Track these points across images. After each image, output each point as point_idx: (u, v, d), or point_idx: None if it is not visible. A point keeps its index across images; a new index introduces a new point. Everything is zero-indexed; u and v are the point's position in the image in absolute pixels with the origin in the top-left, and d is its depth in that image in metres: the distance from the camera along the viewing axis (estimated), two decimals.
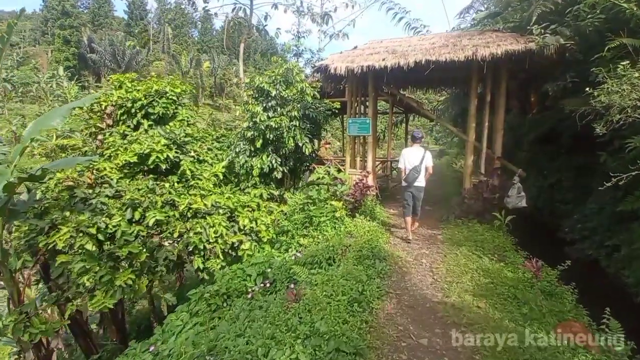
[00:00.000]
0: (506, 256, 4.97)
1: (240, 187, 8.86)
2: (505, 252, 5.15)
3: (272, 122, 7.89)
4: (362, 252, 4.85)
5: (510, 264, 4.70)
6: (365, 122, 7.92)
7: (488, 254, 5.02)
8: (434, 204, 9.14)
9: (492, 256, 4.95)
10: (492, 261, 4.80)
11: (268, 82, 8.31)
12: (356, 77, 8.15)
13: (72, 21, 44.47)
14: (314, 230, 6.78)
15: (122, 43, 41.01)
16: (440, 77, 8.60)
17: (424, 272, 4.63)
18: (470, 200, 6.78)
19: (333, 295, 3.46)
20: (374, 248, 5.02)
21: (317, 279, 3.95)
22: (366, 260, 4.60)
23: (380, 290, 3.83)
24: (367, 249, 4.96)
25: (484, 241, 5.47)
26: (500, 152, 7.06)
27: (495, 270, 4.42)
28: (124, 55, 40.77)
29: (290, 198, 7.87)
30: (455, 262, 4.76)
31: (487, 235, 5.78)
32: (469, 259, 4.85)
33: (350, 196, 7.01)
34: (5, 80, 37.37)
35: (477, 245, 5.34)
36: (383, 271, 4.40)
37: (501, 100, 6.99)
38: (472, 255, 4.97)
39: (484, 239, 5.54)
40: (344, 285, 3.64)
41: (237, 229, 6.90)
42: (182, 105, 8.39)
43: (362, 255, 4.73)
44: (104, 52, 40.46)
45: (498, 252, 5.08)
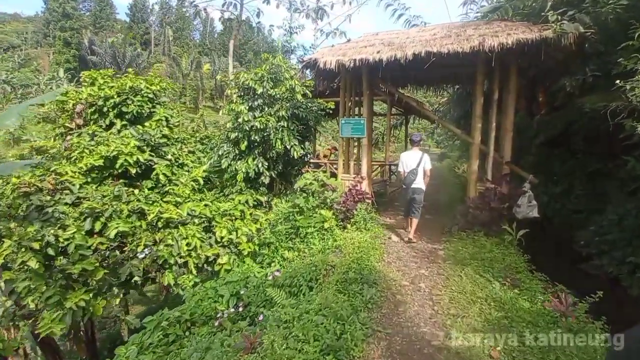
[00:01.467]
0: (520, 280, 4.14)
1: (225, 193, 8.08)
2: (518, 274, 4.33)
3: (257, 123, 7.12)
4: (348, 274, 4.03)
5: (526, 291, 3.88)
6: (359, 123, 7.12)
7: (499, 276, 4.19)
8: (435, 212, 8.31)
9: (504, 280, 4.12)
10: (504, 287, 3.98)
11: (254, 79, 7.54)
12: (349, 72, 7.37)
13: (73, 23, 44.09)
14: (301, 243, 5.99)
15: (122, 45, 40.52)
16: (442, 74, 7.80)
17: (422, 300, 3.81)
18: (475, 210, 5.95)
19: (303, 341, 2.65)
20: (363, 269, 4.21)
21: (288, 314, 3.14)
22: (352, 286, 3.79)
23: (366, 330, 3.01)
24: (354, 270, 4.15)
25: (493, 260, 4.64)
26: (509, 156, 6.25)
27: (508, 300, 3.60)
28: (125, 58, 40.28)
29: (276, 206, 7.07)
30: (460, 288, 3.94)
31: (496, 252, 4.95)
32: (476, 284, 4.03)
33: (341, 205, 6.21)
34: (5, 81, 36.95)
35: (485, 265, 4.52)
36: (372, 300, 3.58)
37: (510, 98, 6.18)
38: (479, 279, 4.14)
39: (492, 257, 4.72)
40: (318, 326, 2.83)
41: (214, 240, 6.11)
42: (161, 104, 7.62)
43: (348, 279, 3.92)
44: (104, 54, 39.99)
45: (510, 275, 4.25)
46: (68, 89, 7.62)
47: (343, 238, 5.62)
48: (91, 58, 40.52)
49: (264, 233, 6.30)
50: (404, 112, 13.42)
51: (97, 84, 7.30)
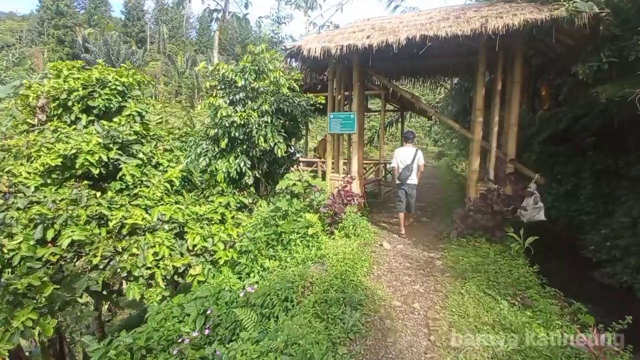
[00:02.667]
0: (532, 298, 3.49)
1: (205, 195, 7.40)
2: (528, 290, 3.67)
3: (237, 118, 6.43)
4: (329, 293, 3.37)
5: (540, 313, 3.22)
6: (349, 118, 6.44)
7: (506, 294, 3.53)
8: (432, 213, 7.65)
9: (513, 298, 3.47)
10: (514, 307, 3.32)
11: (235, 71, 6.84)
12: (339, 63, 6.69)
13: (67, 21, 43.14)
14: (283, 250, 5.32)
15: (116, 43, 39.63)
16: (439, 64, 7.13)
17: (416, 326, 3.14)
18: (477, 214, 5.30)
19: None
20: (347, 286, 3.54)
21: (246, 354, 2.47)
22: (333, 309, 3.12)
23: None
24: (337, 287, 3.48)
25: (498, 272, 3.98)
26: (513, 153, 5.58)
27: (521, 327, 2.94)
28: (119, 55, 39.36)
29: (257, 210, 6.40)
30: (462, 310, 3.27)
31: (502, 262, 4.29)
32: (480, 304, 3.37)
33: (328, 208, 5.54)
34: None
35: (489, 278, 3.86)
36: (355, 328, 2.91)
37: (515, 89, 5.51)
38: (484, 297, 3.49)
39: (498, 269, 4.06)
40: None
41: (186, 249, 5.42)
42: (133, 98, 6.91)
43: (329, 299, 3.26)
44: (98, 52, 39.08)
45: (519, 292, 3.60)
46: (31, 82, 6.91)
47: (328, 246, 4.96)
48: (85, 56, 39.57)
49: (242, 240, 5.62)
50: (399, 108, 12.75)
51: (62, 76, 6.59)
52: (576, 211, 7.91)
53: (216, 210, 6.60)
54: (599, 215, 7.23)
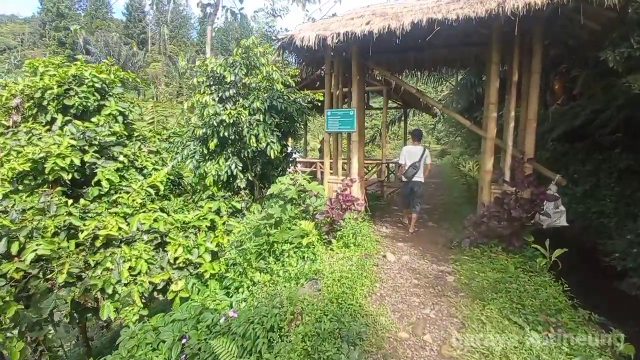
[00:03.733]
0: (566, 325, 2.88)
1: (194, 200, 6.85)
2: (559, 314, 3.06)
3: (225, 116, 5.85)
4: (322, 322, 2.78)
5: (578, 349, 2.60)
6: (348, 115, 5.84)
7: (535, 322, 2.93)
8: (440, 217, 7.03)
9: (544, 328, 2.86)
10: (546, 339, 2.71)
11: (223, 66, 6.26)
12: (336, 55, 6.09)
13: (67, 23, 42.82)
14: (275, 262, 4.74)
15: (117, 44, 39.24)
16: (446, 56, 6.49)
17: None
18: (491, 220, 4.68)
19: None
20: (344, 313, 2.95)
21: None
22: (326, 345, 2.54)
23: None
24: (332, 315, 2.89)
25: (522, 293, 3.37)
26: (532, 152, 4.95)
27: None
28: (120, 57, 38.98)
29: (249, 216, 5.82)
30: (485, 346, 2.66)
31: (524, 278, 3.68)
32: (505, 335, 2.76)
33: (324, 214, 4.94)
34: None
35: (512, 300, 3.25)
36: None
37: (534, 79, 4.87)
38: (509, 326, 2.89)
39: (521, 288, 3.45)
40: None
41: (166, 262, 4.85)
42: (114, 96, 6.35)
43: (322, 332, 2.67)
44: (99, 54, 38.71)
45: (550, 318, 2.99)
46: (7, 81, 6.38)
47: (326, 257, 4.38)
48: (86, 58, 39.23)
49: (229, 252, 5.04)
50: (402, 105, 12.11)
51: (38, 73, 6.05)
52: (595, 213, 7.25)
53: (205, 217, 6.04)
54: (622, 218, 6.57)
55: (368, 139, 22.93)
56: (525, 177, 4.62)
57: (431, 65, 6.78)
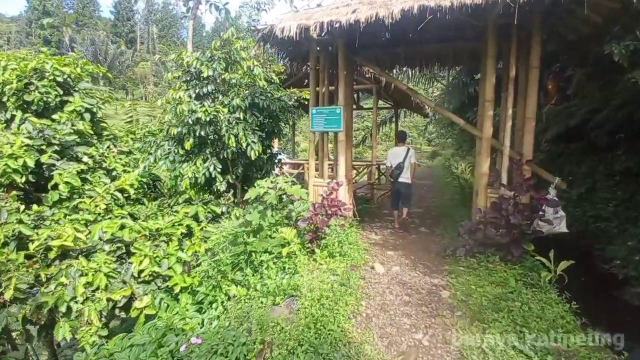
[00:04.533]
0: (578, 354, 2.47)
1: (170, 204, 6.33)
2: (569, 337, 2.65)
3: (201, 114, 5.35)
4: (296, 355, 2.31)
5: None
6: (334, 113, 5.39)
7: (544, 350, 2.52)
8: (432, 222, 6.63)
9: (555, 358, 2.43)
10: None
11: (200, 60, 5.77)
12: (321, 48, 5.65)
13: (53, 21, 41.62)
14: (253, 274, 4.27)
15: (104, 43, 38.22)
16: (438, 51, 6.09)
17: None
18: (488, 227, 4.28)
19: None
20: (323, 342, 2.50)
21: None
22: None
23: None
24: (308, 344, 2.44)
25: (526, 312, 2.96)
26: (530, 153, 4.57)
27: None
28: (106, 56, 37.98)
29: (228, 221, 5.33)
30: None
31: (527, 294, 3.28)
32: None
33: (307, 221, 4.49)
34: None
35: (516, 322, 2.84)
36: None
37: (532, 75, 4.50)
38: (515, 356, 2.45)
39: (525, 306, 3.04)
40: None
41: (130, 275, 4.33)
42: (79, 91, 5.80)
43: None
44: (86, 52, 37.63)
45: (560, 344, 2.57)
46: None
47: (306, 272, 3.92)
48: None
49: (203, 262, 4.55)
50: (393, 105, 11.73)
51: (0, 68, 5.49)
52: (592, 217, 6.92)
53: (181, 223, 5.54)
54: (622, 222, 6.25)
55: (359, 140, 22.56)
56: (526, 181, 4.22)
57: (422, 61, 6.37)
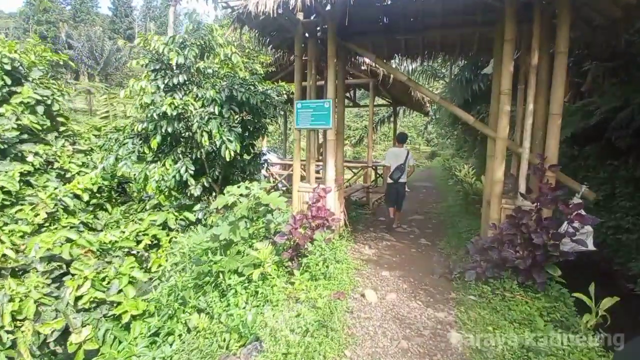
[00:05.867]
0: None
1: (137, 210, 5.53)
2: None
3: (166, 107, 4.53)
4: None
5: None
6: (322, 107, 4.58)
7: None
8: (434, 232, 5.83)
9: None
10: None
11: (169, 45, 4.94)
12: (308, 31, 4.83)
13: (50, 17, 40.70)
14: (220, 299, 3.49)
15: (100, 39, 37.27)
16: (443, 39, 5.27)
17: None
18: (504, 247, 3.48)
19: None
20: None
21: None
22: None
23: None
24: None
25: None
26: (555, 157, 3.76)
27: None
28: (102, 52, 37.04)
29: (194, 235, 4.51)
30: None
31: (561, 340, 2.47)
32: None
33: (285, 237, 3.68)
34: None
35: None
36: None
37: (560, 62, 3.68)
38: None
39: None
40: None
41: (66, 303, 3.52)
42: (32, 81, 4.98)
43: None
44: (82, 49, 36.73)
45: None
46: None
47: (279, 301, 3.12)
48: (68, 52, 37.30)
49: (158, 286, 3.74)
50: (392, 102, 10.91)
51: None
52: (611, 228, 6.14)
53: (146, 232, 4.74)
54: None
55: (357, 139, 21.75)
56: (551, 189, 3.41)
57: (425, 51, 5.56)
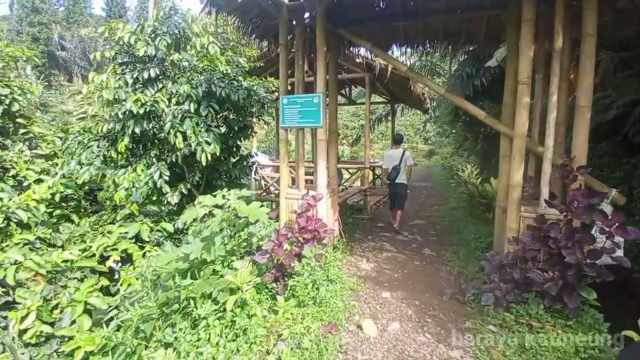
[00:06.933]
0: None
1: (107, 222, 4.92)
2: None
3: (130, 104, 3.91)
4: None
5: None
6: (311, 103, 3.97)
7: None
8: (438, 240, 5.25)
9: None
10: None
11: (137, 34, 4.32)
12: (295, 18, 4.22)
13: (42, 18, 39.88)
14: (191, 331, 2.88)
15: (93, 40, 36.48)
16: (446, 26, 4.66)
17: None
18: (527, 265, 2.90)
19: None
20: None
21: None
22: None
23: None
24: None
25: None
26: (584, 157, 3.17)
27: None
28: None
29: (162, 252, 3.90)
30: None
31: None
32: None
33: (266, 256, 3.09)
34: None
35: None
36: None
37: (587, 45, 3.10)
38: None
39: None
40: None
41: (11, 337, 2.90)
42: None
43: None
44: (74, 50, 36.02)
45: None
46: None
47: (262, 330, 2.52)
48: (60, 54, 36.64)
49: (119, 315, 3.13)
50: (389, 99, 10.31)
51: None
52: None
53: (115, 247, 4.14)
54: None
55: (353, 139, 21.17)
56: (584, 196, 2.82)
57: (427, 39, 4.96)
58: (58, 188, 4.40)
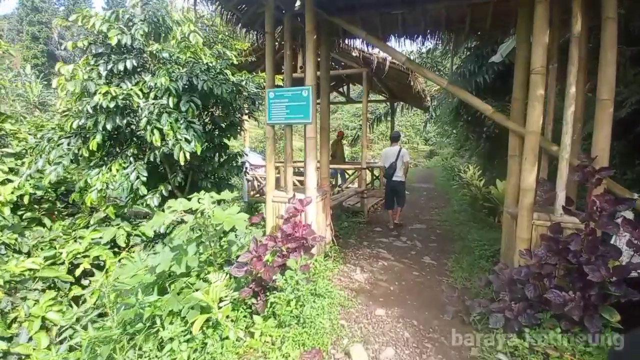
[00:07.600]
0: None
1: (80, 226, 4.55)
2: None
3: (99, 98, 3.53)
4: None
5: None
6: (300, 97, 3.58)
7: None
8: (439, 246, 4.84)
9: None
10: None
11: (110, 21, 3.95)
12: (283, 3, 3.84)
13: (42, 17, 39.64)
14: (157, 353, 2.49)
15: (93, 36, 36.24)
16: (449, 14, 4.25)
17: None
18: (543, 282, 2.50)
19: None
20: None
21: None
22: None
23: None
24: None
25: None
26: (606, 157, 2.77)
27: None
28: None
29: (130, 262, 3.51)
30: None
31: None
32: None
33: (244, 269, 2.70)
34: None
35: None
36: None
37: (608, 30, 2.70)
38: None
39: None
40: None
41: None
42: None
43: None
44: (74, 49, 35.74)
45: None
46: None
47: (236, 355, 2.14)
48: (60, 53, 36.33)
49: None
50: (388, 97, 9.90)
51: None
52: None
53: (86, 254, 3.77)
54: None
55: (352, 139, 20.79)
56: (609, 203, 2.42)
57: (427, 29, 4.55)
58: (26, 189, 4.03)
